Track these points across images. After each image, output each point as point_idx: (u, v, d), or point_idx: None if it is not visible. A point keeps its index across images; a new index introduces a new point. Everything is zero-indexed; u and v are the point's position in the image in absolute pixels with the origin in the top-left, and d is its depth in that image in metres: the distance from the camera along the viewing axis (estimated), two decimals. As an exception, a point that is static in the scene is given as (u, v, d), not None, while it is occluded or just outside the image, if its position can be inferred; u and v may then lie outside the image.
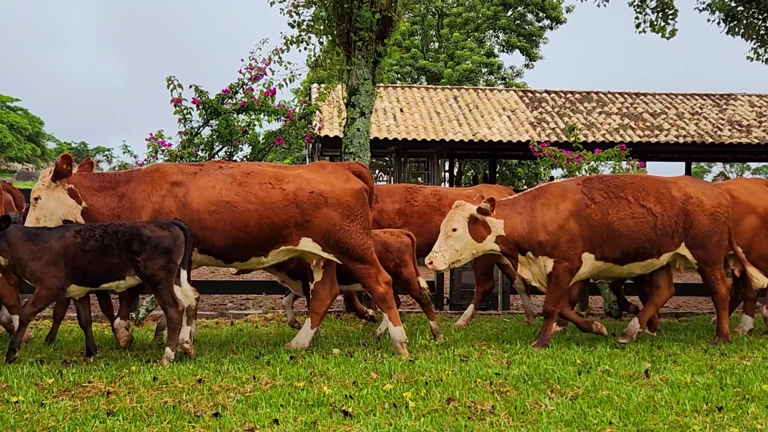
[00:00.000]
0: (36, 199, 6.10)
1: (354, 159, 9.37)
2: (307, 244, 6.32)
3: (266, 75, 9.51)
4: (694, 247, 7.07)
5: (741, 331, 7.83)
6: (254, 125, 9.64)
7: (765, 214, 7.82)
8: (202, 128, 9.46)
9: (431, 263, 6.76)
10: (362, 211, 6.42)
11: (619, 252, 6.90)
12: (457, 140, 19.88)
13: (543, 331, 6.94)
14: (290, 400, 4.74)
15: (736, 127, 21.11)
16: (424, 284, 7.34)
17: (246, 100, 9.33)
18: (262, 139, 9.73)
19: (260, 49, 9.59)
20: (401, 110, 21.66)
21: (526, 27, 36.34)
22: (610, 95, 23.62)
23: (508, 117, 21.60)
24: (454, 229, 6.76)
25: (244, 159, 9.73)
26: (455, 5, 37.94)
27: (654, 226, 6.91)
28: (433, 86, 25.19)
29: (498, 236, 6.84)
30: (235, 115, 9.39)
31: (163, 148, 9.23)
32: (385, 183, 21.33)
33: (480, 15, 36.47)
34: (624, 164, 12.10)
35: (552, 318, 6.95)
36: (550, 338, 6.94)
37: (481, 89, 24.88)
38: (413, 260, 7.33)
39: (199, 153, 9.41)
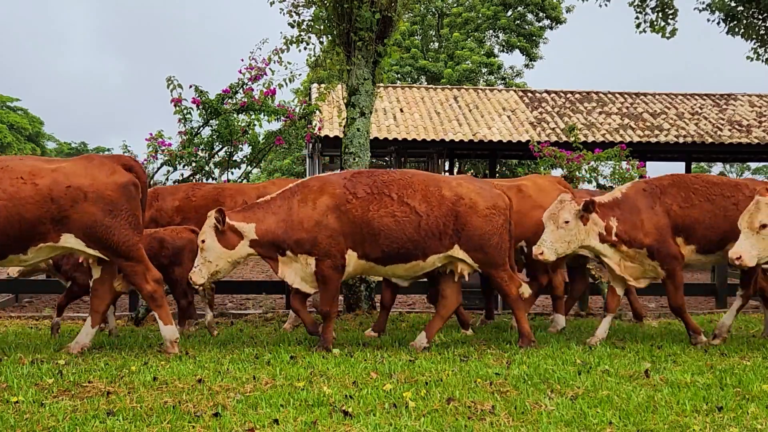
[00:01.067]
0: None
1: (354, 159, 9.37)
2: (69, 241, 6.10)
3: (266, 75, 9.54)
4: (471, 249, 6.66)
5: (554, 330, 7.76)
6: (254, 125, 9.66)
7: None
8: (202, 128, 9.48)
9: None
10: (128, 206, 6.18)
11: (380, 251, 6.52)
12: (457, 140, 19.89)
13: (323, 333, 6.63)
14: (290, 400, 4.74)
15: (736, 127, 21.11)
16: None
17: (246, 100, 9.34)
18: (262, 139, 9.75)
19: (260, 49, 9.64)
20: (401, 110, 21.66)
21: (526, 27, 36.34)
22: (610, 95, 23.62)
23: (508, 117, 21.60)
24: (203, 241, 6.48)
25: (245, 159, 9.75)
26: (455, 5, 37.94)
27: (417, 225, 6.50)
28: (433, 86, 25.19)
29: (251, 240, 6.51)
30: (235, 115, 9.41)
31: (163, 148, 9.25)
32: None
33: (480, 15, 36.47)
34: (624, 164, 12.11)
35: (329, 319, 6.64)
36: (332, 341, 6.63)
37: (481, 89, 24.88)
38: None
39: (199, 153, 9.42)
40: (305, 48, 9.86)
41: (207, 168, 9.41)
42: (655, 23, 15.81)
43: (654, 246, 6.93)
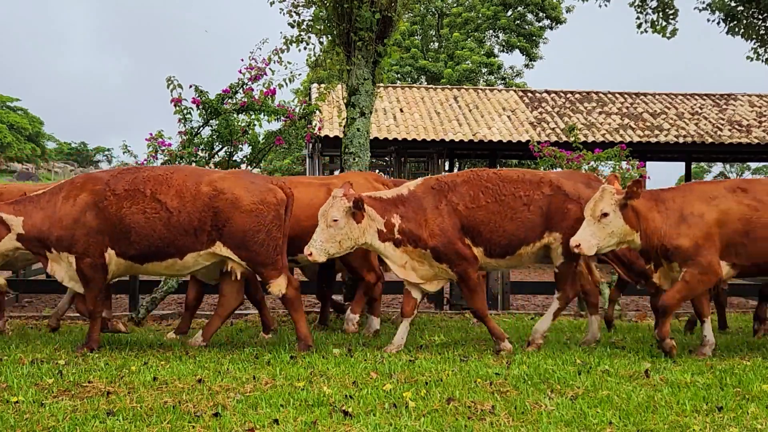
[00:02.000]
0: None
1: (354, 159, 9.37)
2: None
3: (266, 75, 9.51)
4: (235, 247, 6.35)
5: (368, 333, 7.47)
6: (254, 125, 9.64)
7: None
8: (202, 128, 9.46)
9: None
10: None
11: (134, 249, 6.31)
12: (457, 140, 19.89)
13: (89, 333, 6.49)
14: (290, 400, 4.74)
15: (736, 127, 21.11)
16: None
17: (246, 100, 9.33)
18: (262, 139, 9.73)
19: (260, 49, 9.59)
20: (401, 110, 21.66)
21: (526, 27, 36.33)
22: (610, 95, 23.62)
23: (508, 117, 21.60)
24: None
25: (245, 159, 9.74)
26: (455, 5, 37.92)
27: (168, 222, 6.24)
28: (433, 86, 25.19)
29: (18, 234, 6.37)
30: (235, 115, 9.39)
31: (163, 148, 9.24)
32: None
33: (480, 15, 36.46)
34: (624, 164, 12.11)
35: (94, 319, 6.44)
36: (99, 341, 6.47)
37: (481, 89, 24.88)
38: None
39: (199, 153, 9.41)
40: (305, 48, 9.86)
41: (207, 168, 9.40)
42: (656, 23, 15.82)
43: (439, 247, 6.46)
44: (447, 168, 24.99)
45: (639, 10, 15.96)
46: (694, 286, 6.31)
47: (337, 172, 20.87)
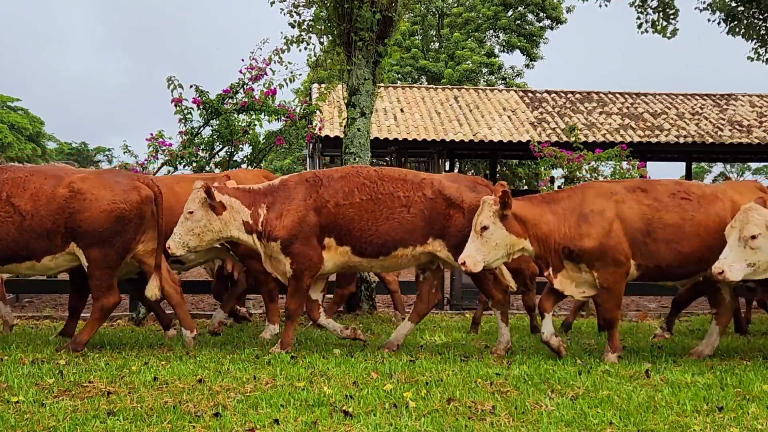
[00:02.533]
0: None
1: (354, 159, 9.37)
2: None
3: (267, 75, 9.53)
4: (88, 246, 6.17)
5: (266, 336, 7.14)
6: (255, 125, 9.66)
7: None
8: (202, 128, 9.47)
9: None
10: None
11: None
12: (457, 140, 19.89)
13: None
14: (291, 400, 4.74)
15: (737, 127, 21.10)
16: None
17: (246, 100, 9.34)
18: (263, 139, 9.74)
19: (260, 49, 9.62)
20: (402, 110, 21.65)
21: (527, 27, 36.32)
22: (610, 95, 23.62)
23: (509, 117, 21.60)
24: None
25: (245, 159, 9.75)
26: (455, 5, 37.93)
27: (20, 226, 6.10)
28: (434, 86, 25.20)
29: None
30: (235, 115, 9.40)
31: (164, 148, 9.25)
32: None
33: (480, 15, 36.46)
34: (624, 164, 12.11)
35: None
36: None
37: (481, 89, 24.88)
38: None
39: (200, 153, 9.42)
40: (305, 48, 9.86)
41: (207, 168, 9.41)
42: (657, 23, 15.79)
43: (285, 241, 6.24)
44: (447, 168, 24.99)
45: (639, 10, 15.93)
46: (616, 288, 6.16)
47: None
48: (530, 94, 23.80)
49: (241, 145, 9.53)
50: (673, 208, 6.20)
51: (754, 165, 48.34)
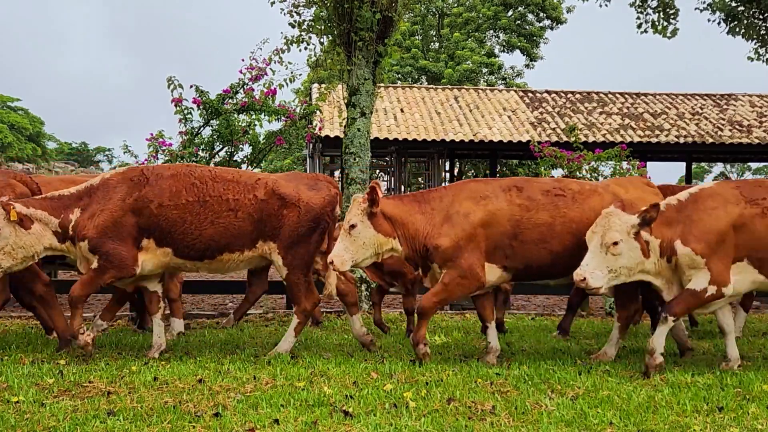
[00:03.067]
0: None
1: (354, 159, 9.38)
2: None
3: (267, 75, 9.54)
4: None
5: (169, 336, 6.98)
6: (255, 125, 9.66)
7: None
8: (202, 128, 9.48)
9: None
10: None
11: None
12: (457, 140, 19.88)
13: None
14: (291, 400, 4.74)
15: (737, 127, 21.10)
16: None
17: (246, 100, 9.34)
18: (263, 139, 9.75)
19: (261, 49, 9.63)
20: (402, 110, 21.65)
21: (527, 27, 36.31)
22: (610, 95, 23.61)
23: (509, 117, 21.60)
24: None
25: (245, 159, 9.75)
26: (456, 5, 37.92)
27: None
28: (434, 86, 25.19)
29: None
30: (235, 115, 9.41)
31: (164, 148, 9.25)
32: (385, 183, 21.34)
33: (480, 15, 36.44)
34: (624, 164, 12.11)
35: None
36: None
37: (481, 89, 24.88)
38: None
39: (200, 153, 9.42)
40: (306, 48, 9.88)
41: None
42: (657, 23, 15.80)
43: (93, 241, 5.91)
44: (447, 168, 24.99)
45: (639, 10, 15.93)
46: (452, 289, 5.98)
47: (337, 173, 20.90)
48: (530, 94, 23.79)
49: (241, 145, 9.54)
50: (545, 206, 6.03)
51: (754, 165, 48.36)
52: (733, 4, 15.89)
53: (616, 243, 5.54)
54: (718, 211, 5.70)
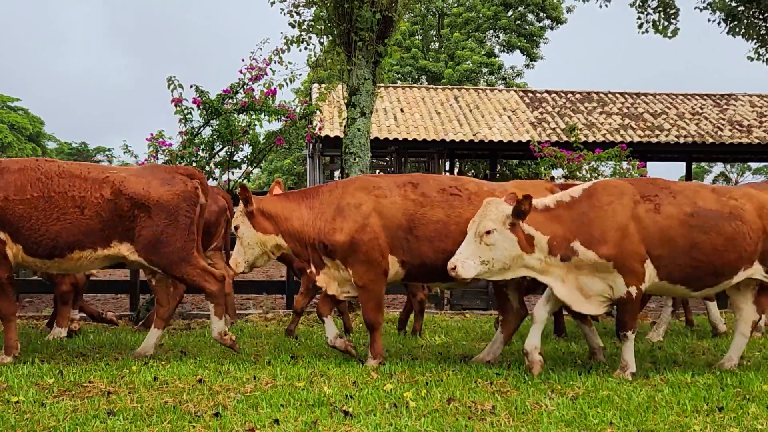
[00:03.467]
0: None
1: (354, 159, 9.37)
2: None
3: (267, 75, 9.51)
4: None
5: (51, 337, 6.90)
6: (255, 125, 9.65)
7: None
8: (202, 128, 9.46)
9: None
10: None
11: None
12: (457, 140, 19.88)
13: None
14: (291, 400, 4.74)
15: (737, 127, 21.10)
16: None
17: (246, 100, 9.33)
18: (263, 139, 9.73)
19: (261, 49, 9.60)
20: (402, 110, 21.65)
21: (527, 27, 36.32)
22: (610, 95, 23.62)
23: (509, 117, 21.60)
24: None
25: (245, 159, 9.74)
26: (456, 5, 37.93)
27: None
28: (434, 86, 25.19)
29: None
30: (235, 115, 9.39)
31: (164, 148, 9.24)
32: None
33: (480, 15, 36.45)
34: (624, 164, 12.11)
35: None
36: None
37: (481, 89, 24.88)
38: None
39: (200, 153, 9.41)
40: (306, 48, 9.86)
41: (208, 168, 9.41)
42: (657, 23, 15.80)
43: None
44: (447, 168, 24.99)
45: (640, 10, 15.94)
46: (369, 286, 5.87)
47: (337, 173, 20.90)
48: (530, 94, 23.79)
49: (241, 145, 9.52)
50: (439, 204, 5.88)
51: (754, 165, 48.35)
52: (733, 4, 15.89)
53: (489, 232, 5.35)
54: (614, 206, 5.48)
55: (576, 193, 5.63)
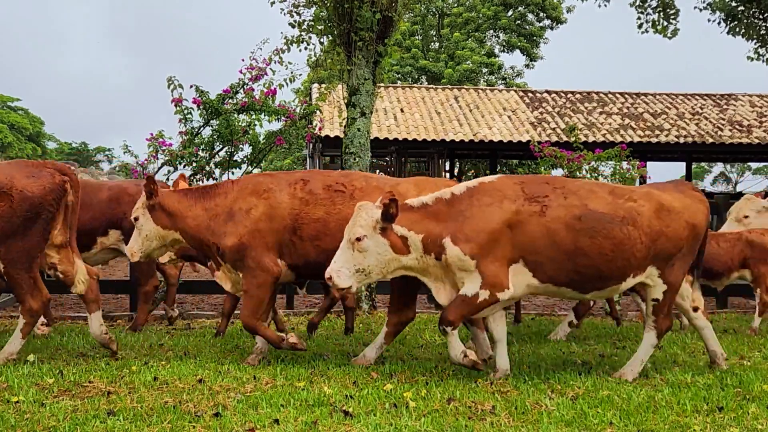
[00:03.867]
0: None
1: (354, 159, 9.37)
2: None
3: (267, 75, 9.53)
4: None
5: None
6: (255, 125, 9.65)
7: None
8: (202, 128, 9.47)
9: None
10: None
11: None
12: (457, 140, 19.90)
13: None
14: (291, 400, 4.74)
15: (737, 127, 21.11)
16: None
17: (246, 100, 9.34)
18: (263, 139, 9.74)
19: (261, 49, 9.61)
20: (402, 110, 21.67)
21: (527, 27, 36.36)
22: (610, 95, 23.63)
23: (509, 117, 21.61)
24: None
25: (245, 159, 9.75)
26: (456, 5, 37.95)
27: None
28: (434, 86, 25.21)
29: None
30: (235, 115, 9.40)
31: (164, 148, 9.25)
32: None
33: (480, 15, 36.48)
34: (624, 164, 12.11)
35: None
36: None
37: (481, 89, 24.90)
38: None
39: (200, 153, 9.42)
40: (306, 48, 9.86)
41: (208, 168, 9.42)
42: (657, 23, 15.81)
43: None
44: (447, 168, 25.00)
45: (640, 10, 15.96)
46: (253, 293, 5.80)
47: (337, 172, 20.84)
48: (530, 94, 23.81)
49: (241, 145, 9.53)
50: (322, 202, 5.78)
51: (754, 165, 48.38)
52: (733, 4, 15.91)
53: (359, 239, 5.18)
54: (492, 208, 5.25)
55: (459, 190, 5.42)
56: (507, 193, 5.33)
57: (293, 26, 9.91)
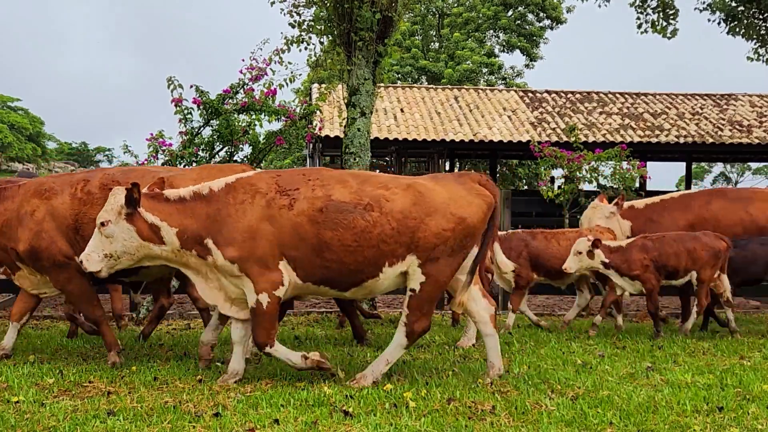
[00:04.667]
0: None
1: (354, 159, 9.37)
2: None
3: (267, 75, 9.52)
4: None
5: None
6: (255, 125, 9.65)
7: None
8: (202, 128, 9.47)
9: None
10: None
11: None
12: (457, 140, 19.89)
13: None
14: (291, 399, 4.74)
15: (737, 127, 21.10)
16: None
17: (246, 100, 9.33)
18: (263, 139, 9.74)
19: (261, 49, 9.60)
20: (402, 110, 21.65)
21: (527, 27, 36.34)
22: (610, 95, 23.62)
23: (509, 117, 21.60)
24: None
25: (245, 159, 9.74)
26: (456, 5, 37.94)
27: None
28: (434, 86, 25.19)
29: None
30: (235, 115, 9.40)
31: (164, 148, 9.25)
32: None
33: (480, 15, 36.47)
34: (624, 164, 12.12)
35: None
36: None
37: (481, 89, 24.88)
38: None
39: (200, 153, 9.42)
40: (306, 48, 9.86)
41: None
42: (657, 23, 15.82)
43: None
44: (448, 168, 25.00)
45: (639, 10, 15.96)
46: (71, 289, 5.86)
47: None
48: (530, 94, 23.79)
49: (241, 145, 9.53)
50: (98, 201, 5.68)
51: (754, 165, 48.37)
52: (733, 4, 15.92)
53: (103, 224, 5.08)
54: (245, 206, 5.08)
55: (217, 186, 5.22)
56: (260, 188, 5.15)
57: (293, 26, 9.91)
